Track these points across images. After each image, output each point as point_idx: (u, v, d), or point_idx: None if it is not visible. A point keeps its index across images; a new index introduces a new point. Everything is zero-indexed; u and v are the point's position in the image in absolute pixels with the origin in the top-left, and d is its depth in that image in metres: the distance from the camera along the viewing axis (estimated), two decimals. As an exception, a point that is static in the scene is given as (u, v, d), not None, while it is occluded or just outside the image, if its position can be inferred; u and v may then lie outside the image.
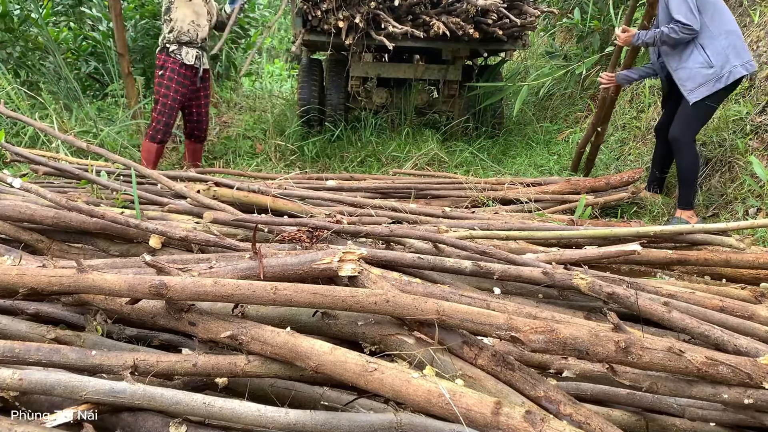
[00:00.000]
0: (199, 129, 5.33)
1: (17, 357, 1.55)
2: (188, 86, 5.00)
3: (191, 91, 5.06)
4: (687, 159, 4.06)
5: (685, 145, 4.05)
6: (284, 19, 12.40)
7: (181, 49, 4.89)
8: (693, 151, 4.07)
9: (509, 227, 2.97)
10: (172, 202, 2.98)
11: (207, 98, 5.28)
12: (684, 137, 4.05)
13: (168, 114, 4.94)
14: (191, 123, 5.29)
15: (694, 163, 4.07)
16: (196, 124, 5.29)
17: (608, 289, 1.94)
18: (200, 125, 5.31)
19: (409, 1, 5.43)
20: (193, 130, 5.34)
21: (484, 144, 6.31)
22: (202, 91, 5.16)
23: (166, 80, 4.90)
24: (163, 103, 4.92)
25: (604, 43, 6.42)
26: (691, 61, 3.94)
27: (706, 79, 3.90)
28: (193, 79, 5.01)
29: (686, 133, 4.05)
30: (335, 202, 3.38)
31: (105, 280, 1.64)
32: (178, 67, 4.89)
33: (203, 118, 5.29)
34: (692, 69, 3.94)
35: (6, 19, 6.85)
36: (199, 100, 5.19)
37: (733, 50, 3.87)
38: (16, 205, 2.44)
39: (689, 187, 4.09)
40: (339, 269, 1.70)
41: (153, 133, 4.96)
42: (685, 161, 4.07)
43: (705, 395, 1.58)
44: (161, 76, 4.92)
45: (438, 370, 1.52)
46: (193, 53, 4.93)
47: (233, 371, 1.56)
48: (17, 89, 5.83)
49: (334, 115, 6.42)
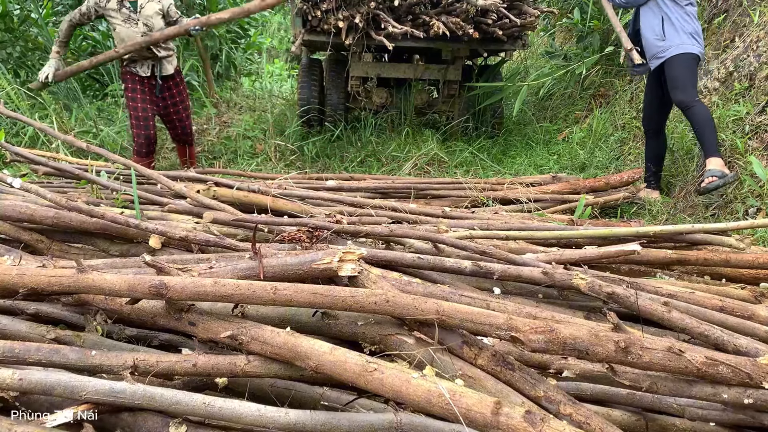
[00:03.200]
0: (183, 134, 5.26)
1: (17, 357, 1.55)
2: (153, 97, 4.91)
3: (160, 98, 4.96)
4: (698, 114, 4.11)
5: (693, 104, 4.13)
6: (284, 19, 12.41)
7: (134, 64, 4.81)
8: (701, 105, 4.13)
9: (509, 227, 2.97)
10: (172, 202, 2.98)
11: (182, 102, 5.12)
12: (686, 96, 4.16)
13: (144, 126, 4.87)
14: (173, 129, 5.23)
15: (707, 115, 4.11)
16: (180, 131, 5.22)
17: (608, 289, 1.94)
18: (184, 130, 5.23)
19: (409, 1, 5.43)
20: (177, 135, 5.29)
21: (484, 144, 6.31)
22: (170, 99, 5.03)
23: (130, 93, 4.86)
24: (135, 116, 4.87)
25: (604, 43, 6.42)
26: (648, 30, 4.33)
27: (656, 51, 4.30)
28: (153, 89, 4.91)
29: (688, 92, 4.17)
30: (335, 202, 3.37)
31: (105, 280, 1.64)
32: (137, 79, 4.84)
33: (185, 123, 5.19)
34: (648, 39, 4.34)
35: (6, 19, 6.86)
36: (176, 107, 5.07)
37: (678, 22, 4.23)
38: (16, 206, 2.44)
39: (710, 135, 4.10)
40: (339, 269, 1.70)
41: (138, 148, 4.92)
42: (698, 117, 4.12)
43: (705, 395, 1.58)
44: (125, 90, 4.89)
45: (438, 370, 1.52)
46: (146, 65, 4.82)
47: (233, 371, 1.56)
48: (17, 89, 5.83)
49: (334, 115, 6.42)
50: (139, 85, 4.84)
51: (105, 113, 6.51)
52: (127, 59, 4.78)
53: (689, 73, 4.22)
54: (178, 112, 5.12)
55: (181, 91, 5.09)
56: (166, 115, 5.10)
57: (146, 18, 4.68)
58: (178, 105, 5.08)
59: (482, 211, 3.82)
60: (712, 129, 4.10)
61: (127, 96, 4.87)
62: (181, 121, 5.16)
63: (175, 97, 5.05)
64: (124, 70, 4.86)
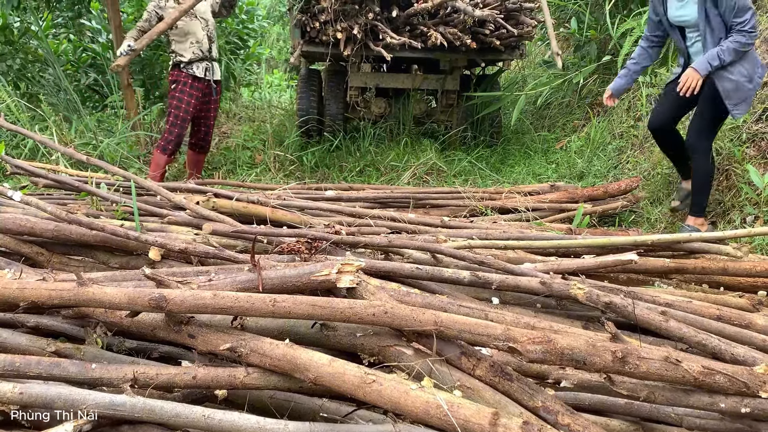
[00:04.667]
0: (204, 141, 5.41)
1: (18, 371, 1.56)
2: (200, 98, 5.10)
3: (203, 102, 5.16)
4: (703, 166, 3.83)
5: (703, 153, 3.82)
6: (283, 30, 12.46)
7: (191, 65, 5.00)
8: (709, 158, 3.84)
9: (507, 236, 2.98)
10: (172, 214, 2.99)
11: (216, 110, 5.39)
12: (701, 144, 3.82)
13: (180, 125, 5.04)
14: (198, 134, 5.37)
15: (709, 171, 3.86)
16: (203, 136, 5.37)
17: (605, 298, 1.95)
18: (206, 137, 5.40)
19: (407, 12, 5.47)
20: (198, 141, 5.41)
21: (483, 153, 6.33)
22: (213, 103, 5.27)
23: (178, 93, 5.01)
24: (176, 114, 5.02)
25: (601, 52, 6.45)
26: (737, 72, 3.56)
27: (747, 94, 3.59)
28: (206, 90, 5.12)
29: (706, 142, 3.83)
30: (334, 213, 3.39)
31: (105, 293, 1.65)
32: (190, 80, 5.01)
33: (210, 130, 5.39)
34: (738, 81, 3.56)
35: (6, 31, 6.89)
36: (209, 113, 5.29)
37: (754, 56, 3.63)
38: (17, 218, 2.45)
39: (703, 194, 3.90)
40: (337, 281, 1.71)
41: (165, 143, 5.05)
42: (701, 168, 3.84)
43: (702, 404, 1.58)
44: (174, 89, 5.04)
45: (436, 381, 1.53)
46: (202, 66, 5.04)
47: (232, 383, 1.57)
48: (17, 102, 5.86)
49: (333, 125, 6.44)
50: (190, 86, 5.01)
51: (105, 124, 6.52)
52: (186, 60, 4.96)
53: (716, 128, 3.90)
54: (209, 118, 5.32)
55: (218, 99, 5.36)
56: (199, 119, 5.27)
57: (202, 13, 5.00)
58: (212, 111, 5.32)
59: (481, 221, 3.83)
60: (707, 188, 3.90)
61: (175, 95, 5.02)
62: (208, 127, 5.34)
63: (217, 102, 5.34)
64: (177, 72, 5.02)
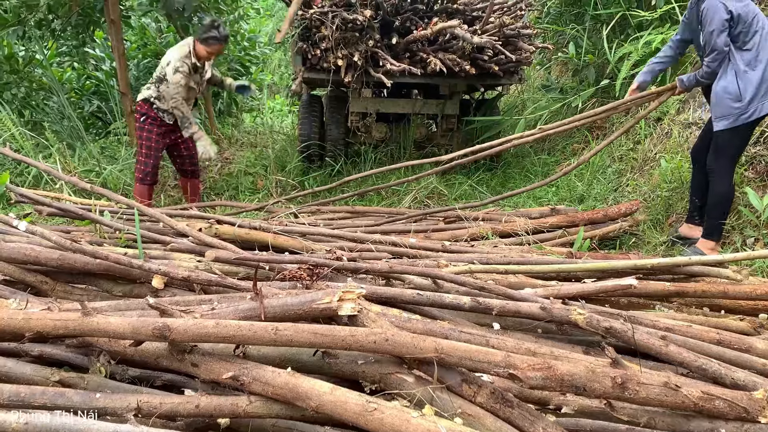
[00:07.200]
0: (191, 164, 5.34)
1: (23, 401, 1.57)
2: (170, 130, 5.06)
3: (173, 131, 5.09)
4: (719, 189, 3.78)
5: (718, 176, 3.78)
6: (285, 56, 12.61)
7: (164, 113, 4.97)
8: (726, 182, 3.77)
9: (508, 261, 3.00)
10: (175, 241, 3.01)
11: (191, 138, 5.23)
12: (717, 167, 3.78)
13: (154, 156, 5.02)
14: (180, 159, 5.31)
15: (724, 195, 3.79)
16: (188, 159, 5.30)
17: (605, 323, 1.96)
18: (192, 159, 5.31)
19: (407, 39, 5.55)
20: (182, 167, 5.36)
21: (483, 177, 6.37)
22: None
23: (147, 125, 4.98)
24: (147, 146, 5.00)
25: (600, 76, 6.52)
26: (720, 88, 3.66)
27: (730, 111, 3.64)
28: (176, 125, 5.04)
29: (719, 161, 3.78)
30: (335, 238, 3.41)
31: (109, 323, 1.67)
32: (159, 117, 4.98)
33: (193, 152, 5.26)
34: (721, 96, 3.65)
35: (11, 60, 6.99)
36: (185, 140, 5.18)
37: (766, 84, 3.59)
38: (21, 248, 2.47)
39: (715, 218, 3.81)
40: (338, 309, 1.72)
41: (141, 176, 5.04)
42: (717, 191, 3.79)
43: (703, 430, 1.59)
44: (143, 122, 4.99)
45: (437, 409, 1.54)
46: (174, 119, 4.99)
47: (235, 412, 1.58)
48: (21, 131, 5.93)
49: (335, 150, 6.49)
50: (159, 122, 4.98)
51: (108, 151, 6.58)
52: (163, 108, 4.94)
53: (731, 150, 3.78)
54: (187, 143, 5.21)
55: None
56: (173, 146, 5.21)
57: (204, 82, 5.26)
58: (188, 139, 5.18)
59: (482, 245, 3.85)
60: (721, 212, 3.82)
61: (144, 127, 4.99)
62: (189, 150, 5.25)
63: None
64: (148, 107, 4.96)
